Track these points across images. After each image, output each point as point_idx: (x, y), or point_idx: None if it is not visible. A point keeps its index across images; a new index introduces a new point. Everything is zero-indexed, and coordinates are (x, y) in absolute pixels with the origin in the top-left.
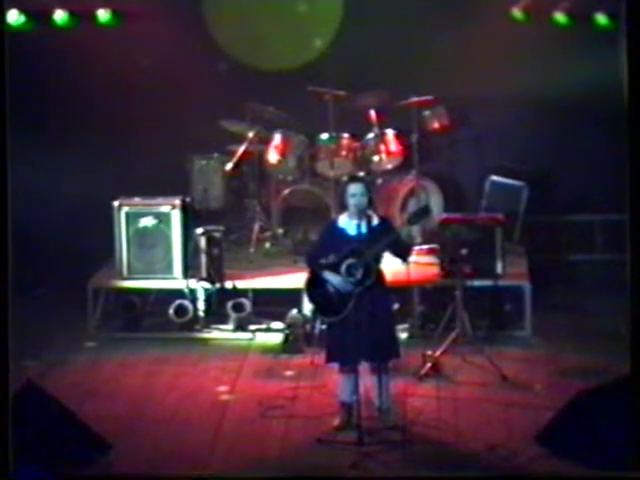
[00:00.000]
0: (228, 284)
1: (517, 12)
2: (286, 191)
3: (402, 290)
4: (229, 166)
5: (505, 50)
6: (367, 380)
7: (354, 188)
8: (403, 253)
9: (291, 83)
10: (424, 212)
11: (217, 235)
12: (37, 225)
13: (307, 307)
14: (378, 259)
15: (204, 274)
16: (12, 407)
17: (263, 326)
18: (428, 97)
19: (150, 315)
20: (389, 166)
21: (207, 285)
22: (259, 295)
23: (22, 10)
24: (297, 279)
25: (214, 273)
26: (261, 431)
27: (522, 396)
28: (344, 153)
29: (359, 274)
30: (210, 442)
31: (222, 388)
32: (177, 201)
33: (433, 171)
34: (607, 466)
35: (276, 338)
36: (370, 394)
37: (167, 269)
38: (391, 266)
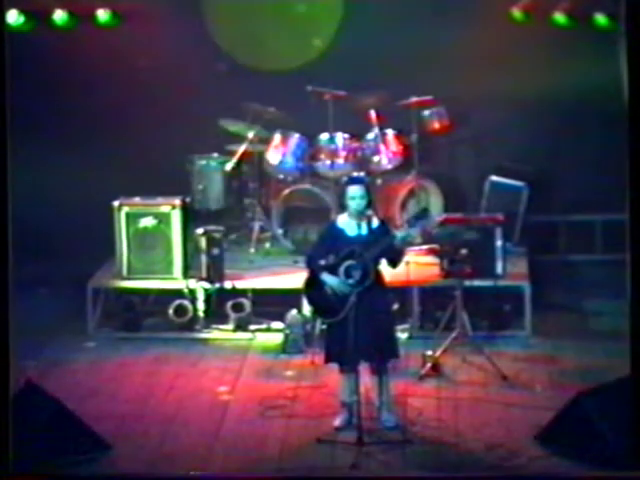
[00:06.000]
0: (228, 284)
1: (517, 12)
2: (286, 191)
3: (402, 290)
4: (229, 166)
5: (505, 50)
6: (367, 380)
7: (354, 190)
8: (395, 259)
9: (291, 83)
10: (423, 214)
11: (217, 235)
12: (37, 225)
13: (307, 307)
14: (377, 260)
15: (204, 274)
16: (12, 407)
17: (263, 326)
18: (428, 97)
19: (150, 315)
20: (389, 166)
21: (207, 285)
22: (259, 295)
23: (22, 10)
24: (297, 279)
25: (214, 273)
26: (261, 431)
27: (522, 396)
28: (344, 153)
29: (358, 275)
30: (210, 442)
31: (222, 388)
32: (177, 201)
33: (433, 171)
34: (607, 466)
35: (276, 338)
36: (370, 394)
37: (167, 269)
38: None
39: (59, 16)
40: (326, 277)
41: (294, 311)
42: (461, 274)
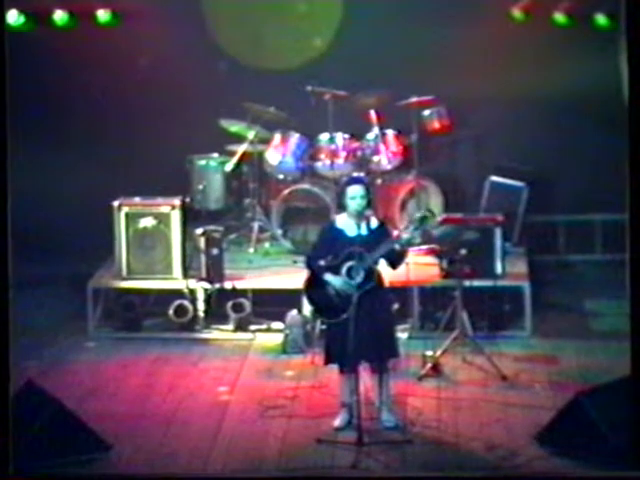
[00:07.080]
0: (228, 284)
1: (517, 12)
2: (286, 191)
3: (402, 290)
4: (229, 166)
5: (505, 50)
6: (367, 380)
7: (354, 190)
8: (395, 261)
9: (291, 83)
10: (428, 217)
11: (217, 235)
12: (37, 225)
13: (307, 307)
14: (377, 262)
15: (204, 274)
16: (12, 407)
17: (263, 326)
18: (428, 97)
19: (150, 315)
20: (389, 166)
21: (207, 285)
22: (259, 295)
23: (22, 10)
24: (297, 279)
25: (214, 273)
26: (261, 431)
27: (522, 396)
28: (344, 153)
29: (360, 277)
30: (210, 442)
31: (222, 388)
32: (177, 201)
33: (433, 171)
34: (607, 466)
35: (276, 338)
36: (370, 394)
37: (167, 269)
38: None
39: (59, 16)
40: (329, 277)
41: (294, 311)
42: (461, 274)
